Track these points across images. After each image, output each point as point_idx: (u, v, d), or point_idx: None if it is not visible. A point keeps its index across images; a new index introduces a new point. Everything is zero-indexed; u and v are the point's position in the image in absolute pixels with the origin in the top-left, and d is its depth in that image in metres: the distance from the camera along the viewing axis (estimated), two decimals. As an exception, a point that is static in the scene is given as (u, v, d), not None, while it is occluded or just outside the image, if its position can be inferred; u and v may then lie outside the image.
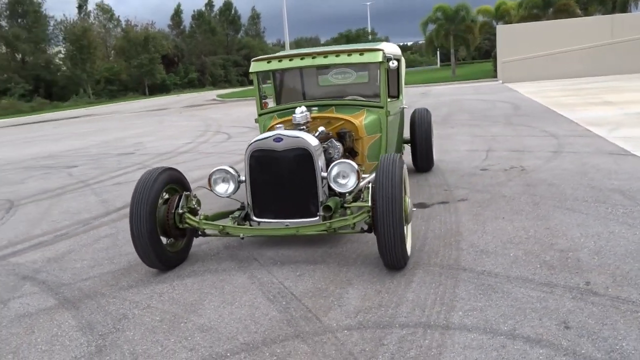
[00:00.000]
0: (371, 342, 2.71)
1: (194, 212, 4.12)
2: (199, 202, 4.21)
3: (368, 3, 71.73)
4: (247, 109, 22.25)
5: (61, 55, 48.11)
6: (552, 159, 6.90)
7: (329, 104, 5.44)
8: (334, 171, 3.95)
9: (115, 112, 30.82)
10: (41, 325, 3.28)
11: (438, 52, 56.16)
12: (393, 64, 5.16)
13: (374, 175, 3.74)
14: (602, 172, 5.94)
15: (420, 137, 6.53)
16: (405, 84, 6.63)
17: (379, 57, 5.11)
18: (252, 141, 4.14)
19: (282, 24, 34.68)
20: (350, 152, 4.94)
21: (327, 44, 75.54)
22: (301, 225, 3.95)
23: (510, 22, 33.30)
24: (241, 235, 4.03)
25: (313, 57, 5.29)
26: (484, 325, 2.78)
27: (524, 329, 2.71)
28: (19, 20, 44.39)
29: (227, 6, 70.91)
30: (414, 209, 3.88)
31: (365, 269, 3.70)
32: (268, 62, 5.44)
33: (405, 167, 3.74)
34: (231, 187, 4.19)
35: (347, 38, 59.87)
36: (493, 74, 29.73)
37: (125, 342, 2.95)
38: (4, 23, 44.21)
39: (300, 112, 4.57)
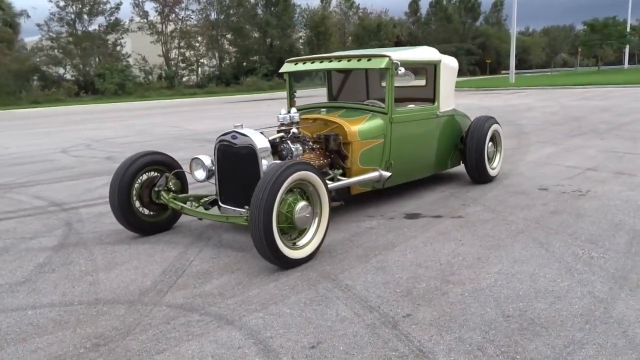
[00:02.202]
0: (161, 319, 3.14)
1: (172, 191, 4.88)
2: (177, 184, 4.96)
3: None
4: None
5: (301, 41, 53.34)
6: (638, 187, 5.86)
7: (339, 106, 5.66)
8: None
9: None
10: (29, 255, 4.42)
11: None
12: (400, 71, 5.14)
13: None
14: (664, 210, 4.93)
15: (470, 147, 6.19)
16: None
17: (382, 63, 5.15)
18: (219, 135, 4.73)
19: (530, 10, 32.61)
20: (339, 155, 5.13)
21: (577, 33, 68.64)
22: (233, 215, 4.42)
23: None
24: (199, 216, 4.68)
25: (330, 61, 5.57)
26: (257, 328, 2.97)
27: (276, 340, 2.83)
28: (271, 9, 50.59)
29: (468, -7, 69.30)
30: (307, 215, 3.96)
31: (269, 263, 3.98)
32: (295, 64, 5.87)
33: (303, 173, 3.89)
34: (204, 174, 4.84)
35: (592, 27, 53.34)
36: None
37: (51, 278, 3.88)
38: (259, 12, 50.85)
39: (284, 114, 4.99)
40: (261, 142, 4.46)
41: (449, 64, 6.00)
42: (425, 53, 5.84)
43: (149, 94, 38.27)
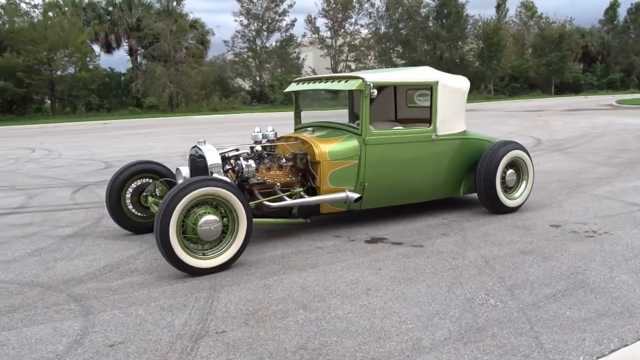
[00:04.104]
0: (47, 303, 3.69)
1: (156, 197, 5.50)
2: (164, 190, 5.54)
3: None
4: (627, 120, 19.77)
5: (472, 53, 51.49)
6: (674, 235, 4.94)
7: (322, 125, 5.76)
8: None
9: (495, 110, 31.57)
10: (40, 240, 5.38)
11: None
12: (373, 93, 5.13)
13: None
14: (658, 263, 4.16)
15: (479, 173, 5.79)
16: None
17: (354, 85, 5.17)
18: (190, 148, 5.25)
19: None
20: (309, 173, 5.27)
21: None
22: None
23: None
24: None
25: (320, 82, 5.72)
26: (99, 323, 3.36)
27: (96, 335, 3.19)
28: (443, 21, 49.81)
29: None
30: (211, 228, 4.16)
31: (186, 269, 4.35)
32: (297, 84, 6.11)
33: (211, 189, 4.17)
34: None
35: None
36: None
37: (29, 261, 4.74)
38: (430, 24, 50.44)
39: (257, 131, 5.33)
40: (212, 158, 4.85)
41: (451, 85, 5.68)
42: (418, 74, 5.64)
43: (312, 104, 40.47)
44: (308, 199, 5.08)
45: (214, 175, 4.79)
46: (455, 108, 5.76)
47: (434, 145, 5.62)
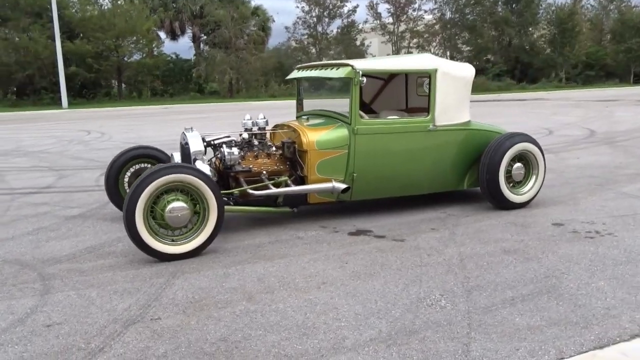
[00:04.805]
0: (18, 280, 3.86)
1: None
2: (160, 175, 5.65)
3: None
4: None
5: (543, 39, 49.00)
6: (686, 240, 4.51)
7: (318, 114, 5.65)
8: None
9: (563, 99, 30.07)
10: (46, 219, 5.65)
11: None
12: (362, 81, 4.99)
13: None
14: (649, 270, 3.80)
15: (482, 165, 5.50)
16: None
17: (344, 72, 5.04)
18: (180, 135, 5.31)
19: None
20: (297, 162, 5.21)
21: None
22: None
23: None
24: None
25: (316, 69, 5.62)
26: (51, 302, 3.47)
27: (40, 315, 3.30)
28: (513, 6, 47.64)
29: None
30: (179, 215, 4.16)
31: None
32: (298, 71, 6.03)
33: (179, 176, 4.19)
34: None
35: None
36: None
37: (24, 239, 4.98)
38: (499, 8, 48.38)
39: (247, 119, 5.32)
40: (195, 145, 4.89)
41: (453, 73, 5.40)
42: (416, 61, 5.40)
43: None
44: (293, 188, 5.02)
45: (197, 162, 4.82)
46: (458, 97, 5.48)
47: (432, 136, 5.39)
